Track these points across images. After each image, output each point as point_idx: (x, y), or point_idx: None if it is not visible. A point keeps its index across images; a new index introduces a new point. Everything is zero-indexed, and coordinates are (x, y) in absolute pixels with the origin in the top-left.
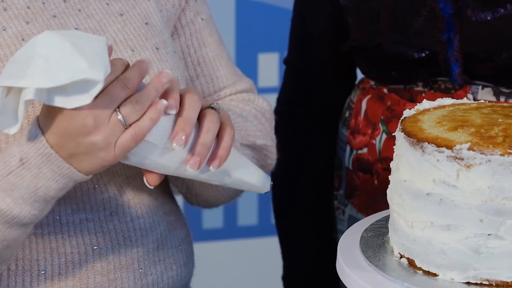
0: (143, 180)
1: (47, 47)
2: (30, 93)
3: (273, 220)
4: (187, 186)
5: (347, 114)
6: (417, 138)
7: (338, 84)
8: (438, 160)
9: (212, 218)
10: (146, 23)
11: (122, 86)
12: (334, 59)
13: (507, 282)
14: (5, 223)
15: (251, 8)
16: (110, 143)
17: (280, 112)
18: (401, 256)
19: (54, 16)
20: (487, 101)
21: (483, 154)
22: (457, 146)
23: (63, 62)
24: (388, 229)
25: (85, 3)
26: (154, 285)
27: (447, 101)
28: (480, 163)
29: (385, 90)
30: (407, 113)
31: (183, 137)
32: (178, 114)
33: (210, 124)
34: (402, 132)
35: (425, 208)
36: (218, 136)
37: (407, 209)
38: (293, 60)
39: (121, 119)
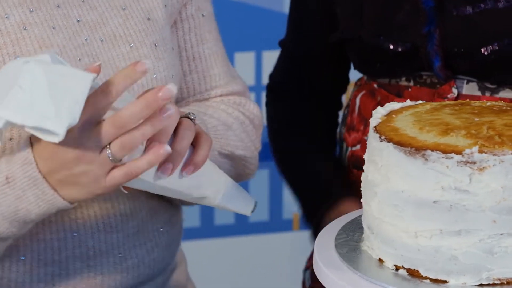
0: None
1: (28, 80)
2: (1, 122)
3: (247, 219)
4: None
5: (345, 112)
6: (414, 147)
7: (330, 74)
8: (447, 167)
9: (189, 218)
10: (148, 19)
11: (112, 126)
12: (326, 49)
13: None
14: None
15: (228, 7)
16: (99, 176)
17: (271, 91)
18: (398, 268)
19: (58, 6)
20: (445, 102)
21: (495, 155)
22: (467, 151)
23: (34, 103)
24: (356, 242)
25: None
26: (135, 268)
27: (396, 105)
28: (493, 165)
29: (375, 85)
30: (373, 122)
31: (169, 168)
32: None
33: (185, 131)
34: (389, 142)
35: (432, 217)
36: (195, 144)
37: (408, 219)
38: (287, 44)
39: (110, 156)
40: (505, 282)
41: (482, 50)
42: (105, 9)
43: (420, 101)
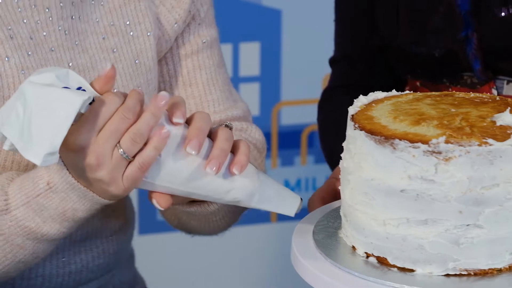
0: None
1: (21, 103)
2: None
3: None
4: (179, 219)
5: None
6: (384, 136)
7: (386, 72)
8: (414, 156)
9: None
10: (136, 61)
11: (121, 118)
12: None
13: (485, 270)
14: (35, 239)
15: None
16: (116, 178)
17: (324, 98)
18: (368, 255)
19: (52, 49)
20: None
21: (461, 146)
22: (434, 140)
23: (22, 128)
24: (335, 229)
25: (82, 36)
26: (77, 273)
27: (380, 94)
28: (459, 155)
29: (418, 84)
30: (352, 110)
31: (197, 143)
32: (189, 126)
33: (226, 134)
34: (361, 130)
35: (399, 205)
36: (235, 148)
37: (378, 207)
38: (338, 56)
39: (123, 153)
40: (472, 273)
41: None
42: (96, 52)
43: (406, 92)
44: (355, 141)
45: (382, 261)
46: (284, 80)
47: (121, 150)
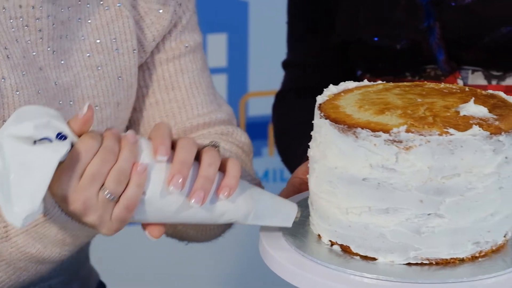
0: None
1: (3, 157)
2: None
3: None
4: (174, 228)
5: None
6: (347, 124)
7: (336, 76)
8: (375, 145)
9: None
10: (119, 77)
11: (102, 160)
12: (329, 52)
13: (447, 260)
14: (37, 262)
15: None
16: (105, 220)
17: (277, 101)
18: (333, 243)
19: (40, 68)
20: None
21: (421, 135)
22: (394, 129)
23: (1, 186)
24: (304, 217)
25: (68, 54)
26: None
27: (351, 84)
28: (419, 145)
29: (379, 82)
30: (320, 99)
31: (180, 180)
32: (173, 158)
33: (211, 158)
34: (326, 119)
35: (361, 194)
36: (225, 169)
37: (341, 196)
38: (290, 60)
39: (108, 196)
40: (433, 263)
41: (484, 38)
42: (80, 69)
43: (379, 82)
44: (320, 130)
45: (345, 249)
46: (251, 71)
47: (106, 191)
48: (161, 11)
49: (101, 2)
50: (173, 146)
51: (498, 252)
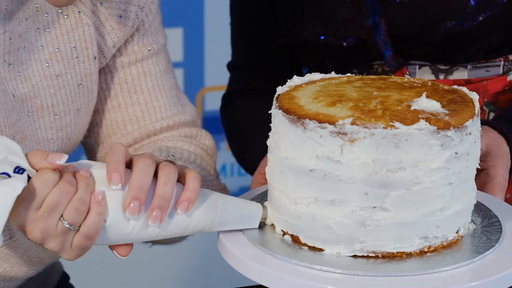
0: None
1: None
2: None
3: None
4: None
5: None
6: (297, 115)
7: (281, 76)
8: (321, 136)
9: None
10: (79, 85)
11: (62, 192)
12: (275, 53)
13: (393, 253)
14: (4, 281)
15: None
16: (65, 247)
17: (224, 102)
18: (284, 233)
19: None
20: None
21: (366, 128)
22: (340, 121)
23: None
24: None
25: (25, 65)
26: None
27: (317, 75)
28: (364, 137)
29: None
30: (280, 90)
31: (137, 206)
32: (130, 181)
33: (167, 175)
34: (279, 109)
35: (309, 185)
36: (184, 182)
37: (290, 186)
38: (235, 62)
39: (68, 225)
40: (380, 256)
41: (430, 32)
42: (39, 79)
43: (348, 74)
44: (275, 120)
45: (295, 239)
46: (208, 66)
47: (65, 222)
48: (121, 16)
49: (60, 11)
50: (131, 163)
51: (448, 248)
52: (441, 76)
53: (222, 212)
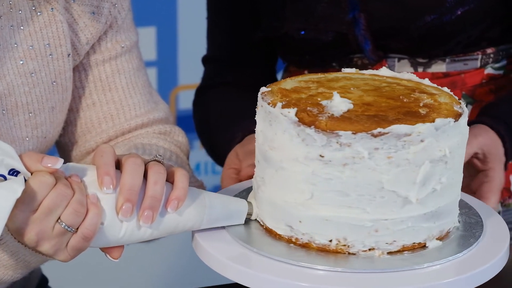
0: None
1: None
2: None
3: None
4: None
5: None
6: None
7: (257, 70)
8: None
9: None
10: (53, 82)
11: (60, 195)
12: (252, 47)
13: (270, 229)
14: None
15: None
16: (60, 249)
17: (198, 95)
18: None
19: None
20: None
21: (265, 101)
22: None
23: None
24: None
25: (0, 63)
26: None
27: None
28: (260, 109)
29: (306, 72)
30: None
31: (129, 208)
32: (120, 183)
33: (156, 175)
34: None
35: None
36: (173, 180)
37: None
38: (210, 55)
39: (66, 227)
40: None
41: (409, 27)
42: (14, 77)
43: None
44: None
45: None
46: (181, 64)
47: (63, 224)
48: (94, 13)
49: (34, 8)
50: (119, 163)
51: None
52: (420, 69)
53: (210, 209)
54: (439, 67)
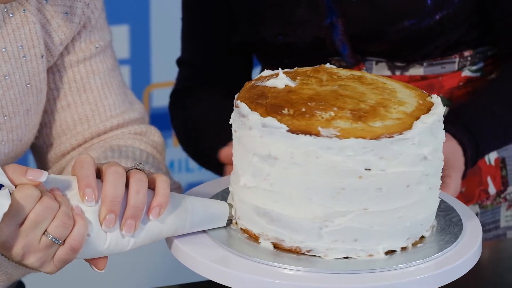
0: None
1: None
2: None
3: None
4: None
5: None
6: None
7: (233, 73)
8: None
9: None
10: (28, 84)
11: (46, 208)
12: (228, 50)
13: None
14: None
15: None
16: (47, 261)
17: (174, 100)
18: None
19: None
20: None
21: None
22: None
23: None
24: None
25: None
26: None
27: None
28: None
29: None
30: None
31: (112, 218)
32: (102, 193)
33: (138, 183)
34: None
35: None
36: (154, 187)
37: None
38: (185, 57)
39: (54, 239)
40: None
41: (387, 31)
42: None
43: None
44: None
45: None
46: (154, 62)
47: (51, 236)
48: (67, 13)
49: (5, 9)
50: (100, 171)
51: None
52: (398, 72)
53: (193, 214)
54: (416, 70)
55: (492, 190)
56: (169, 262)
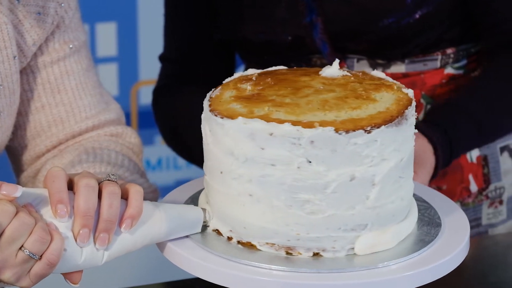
0: None
1: None
2: None
3: None
4: None
5: None
6: None
7: (215, 70)
8: None
9: None
10: (0, 86)
11: (23, 224)
12: (210, 47)
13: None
14: None
15: None
16: (23, 276)
17: (157, 96)
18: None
19: None
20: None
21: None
22: None
23: None
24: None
25: None
26: None
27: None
28: None
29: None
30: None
31: (86, 233)
32: (74, 206)
33: (111, 197)
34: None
35: None
36: (127, 197)
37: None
38: (167, 54)
39: (31, 255)
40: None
41: (367, 30)
42: None
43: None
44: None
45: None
46: (142, 59)
47: (27, 251)
48: (40, 13)
49: None
50: (72, 183)
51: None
52: (379, 70)
53: (167, 222)
54: (398, 68)
55: (474, 188)
56: (156, 259)
